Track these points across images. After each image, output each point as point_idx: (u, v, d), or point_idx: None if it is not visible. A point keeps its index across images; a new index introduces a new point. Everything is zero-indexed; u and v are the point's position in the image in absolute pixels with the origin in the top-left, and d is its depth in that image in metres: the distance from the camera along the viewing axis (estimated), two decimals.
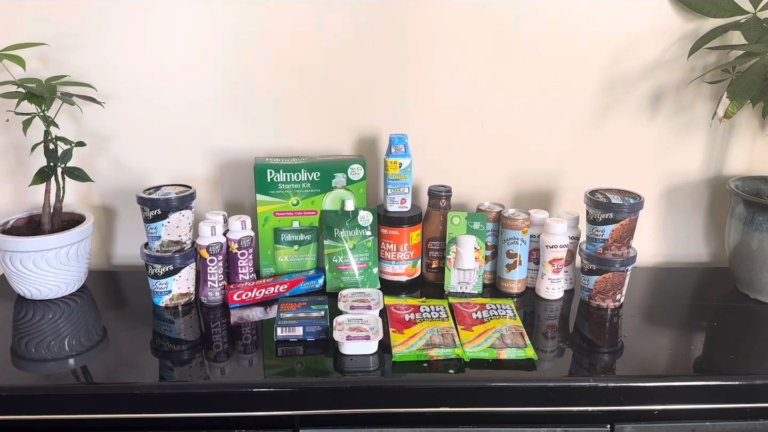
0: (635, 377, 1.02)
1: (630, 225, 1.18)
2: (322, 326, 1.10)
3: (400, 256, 1.29)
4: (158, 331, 1.15)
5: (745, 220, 1.24)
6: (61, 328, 1.15)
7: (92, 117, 1.31)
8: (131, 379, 1.00)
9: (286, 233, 1.28)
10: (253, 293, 1.22)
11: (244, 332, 1.14)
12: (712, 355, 1.09)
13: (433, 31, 1.29)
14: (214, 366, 1.04)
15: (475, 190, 1.39)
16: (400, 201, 1.29)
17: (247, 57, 1.29)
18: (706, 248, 1.47)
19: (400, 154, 1.27)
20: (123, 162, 1.35)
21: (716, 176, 1.41)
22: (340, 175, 1.26)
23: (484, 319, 1.15)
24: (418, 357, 1.04)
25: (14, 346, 1.09)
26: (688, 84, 1.34)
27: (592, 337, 1.14)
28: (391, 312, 1.17)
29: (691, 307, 1.26)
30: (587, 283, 1.23)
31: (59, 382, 1.00)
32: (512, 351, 1.05)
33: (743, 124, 1.38)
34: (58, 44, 1.26)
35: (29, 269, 1.19)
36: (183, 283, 1.21)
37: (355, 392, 0.99)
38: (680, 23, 1.30)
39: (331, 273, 1.28)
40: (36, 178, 1.20)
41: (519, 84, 1.33)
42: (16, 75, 1.20)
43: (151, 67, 1.29)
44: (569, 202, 1.40)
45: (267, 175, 1.24)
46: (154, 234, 1.19)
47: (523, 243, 1.24)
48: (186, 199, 1.19)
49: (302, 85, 1.32)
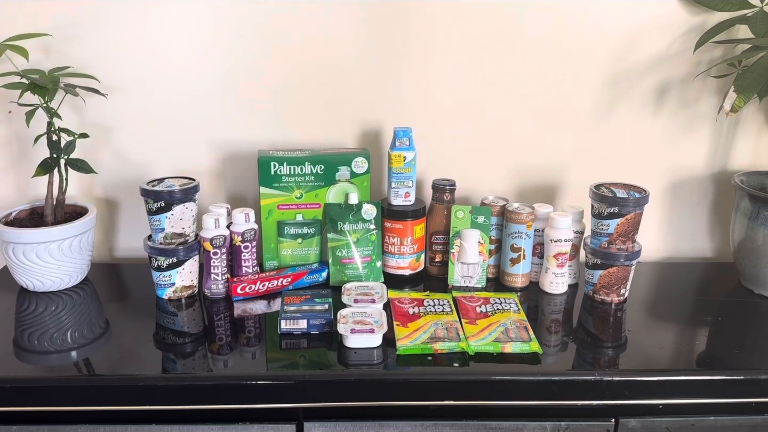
0: (640, 371, 1.02)
1: (635, 219, 1.18)
2: (326, 319, 1.10)
3: (403, 250, 1.28)
4: (161, 323, 1.15)
5: (750, 215, 1.24)
6: (63, 320, 1.14)
7: (95, 108, 1.31)
8: (134, 372, 1.00)
9: (290, 226, 1.27)
10: (256, 286, 1.21)
11: (248, 325, 1.14)
12: (716, 350, 1.08)
13: (437, 25, 1.29)
14: (217, 359, 1.04)
15: (479, 184, 1.39)
16: (404, 194, 1.29)
17: (252, 49, 1.29)
18: (710, 243, 1.47)
19: (404, 148, 1.26)
20: (126, 154, 1.35)
21: (721, 171, 1.41)
22: (344, 168, 1.26)
23: (489, 312, 1.15)
24: (422, 350, 1.04)
25: (17, 338, 1.09)
26: (694, 78, 1.33)
27: (596, 332, 1.13)
28: (395, 305, 1.17)
29: (696, 302, 1.26)
30: (591, 278, 1.22)
31: (62, 374, 1.00)
32: (517, 345, 1.05)
33: (748, 118, 1.37)
34: (61, 35, 1.25)
35: (32, 261, 1.19)
36: (186, 276, 1.21)
37: (359, 385, 0.99)
38: (686, 17, 1.30)
39: (334, 266, 1.27)
40: (39, 169, 1.20)
41: (524, 78, 1.33)
42: (19, 66, 1.19)
43: (154, 58, 1.29)
44: (573, 196, 1.40)
45: (271, 168, 1.23)
46: (157, 226, 1.19)
47: (527, 237, 1.24)
48: (190, 191, 1.19)
49: (306, 78, 1.31)
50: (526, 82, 1.33)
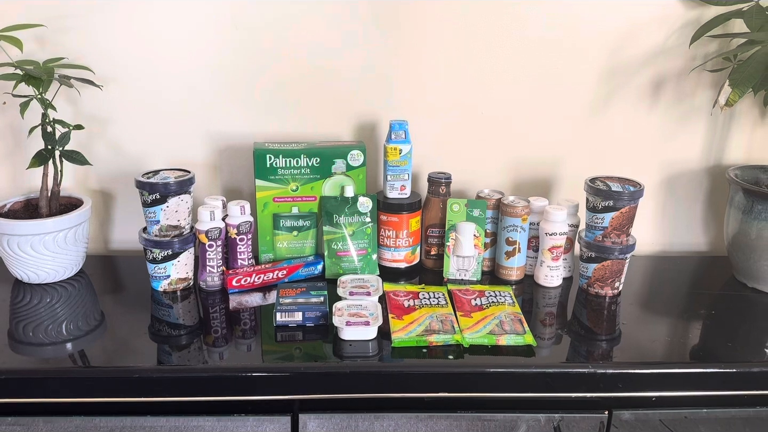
0: (633, 364, 1.02)
1: (630, 213, 1.18)
2: (321, 311, 1.10)
3: (399, 243, 1.29)
4: (156, 315, 1.15)
5: (744, 209, 1.24)
6: (58, 312, 1.14)
7: (90, 100, 1.30)
8: (129, 364, 1.00)
9: (286, 219, 1.27)
10: (252, 279, 1.21)
11: (243, 317, 1.14)
12: (709, 343, 1.09)
13: (433, 18, 1.29)
14: (212, 351, 1.04)
15: (475, 177, 1.39)
16: (400, 187, 1.29)
17: (247, 41, 1.28)
18: (704, 237, 1.47)
19: (400, 140, 1.26)
20: (121, 146, 1.34)
21: (716, 165, 1.41)
22: (340, 161, 1.26)
23: (483, 305, 1.15)
24: (417, 343, 1.04)
25: (12, 330, 1.09)
26: (690, 72, 1.33)
27: (591, 325, 1.14)
28: (390, 298, 1.17)
29: (690, 295, 1.27)
30: (586, 271, 1.23)
31: (57, 366, 1.00)
32: (511, 337, 1.05)
33: (743, 112, 1.38)
34: (55, 26, 1.25)
35: (27, 253, 1.18)
36: (182, 268, 1.21)
37: (355, 377, 0.99)
38: (682, 11, 1.30)
39: (330, 259, 1.27)
40: (33, 161, 1.19)
41: (519, 71, 1.33)
42: (14, 56, 1.19)
43: (150, 50, 1.28)
44: (569, 189, 1.40)
45: (266, 161, 1.23)
46: (152, 218, 1.19)
47: (522, 230, 1.24)
48: (185, 183, 1.19)
49: (302, 70, 1.31)
50: (522, 76, 1.33)
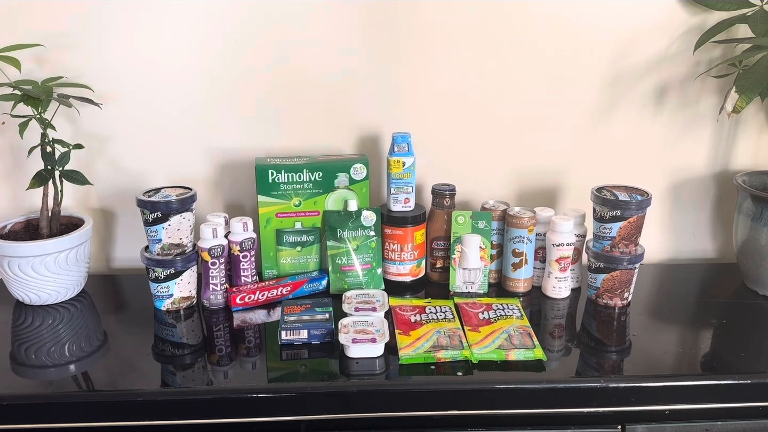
0: (645, 377, 1.00)
1: (638, 222, 1.17)
2: (327, 329, 1.08)
3: (404, 256, 1.27)
4: (160, 335, 1.13)
5: (753, 216, 1.22)
6: (61, 333, 1.13)
7: (90, 119, 1.29)
8: (133, 385, 0.99)
9: (289, 234, 1.26)
10: (255, 296, 1.20)
11: (247, 335, 1.13)
12: (722, 354, 1.07)
13: (434, 28, 1.28)
14: (217, 370, 1.02)
15: (480, 189, 1.38)
16: (404, 200, 1.27)
17: (247, 56, 1.27)
18: (712, 244, 1.46)
19: (403, 153, 1.25)
20: (122, 164, 1.33)
21: (722, 171, 1.40)
22: (343, 174, 1.24)
23: (491, 319, 1.14)
24: (425, 359, 1.03)
25: (14, 352, 1.07)
26: (695, 79, 1.32)
27: (601, 336, 1.12)
28: (396, 313, 1.16)
29: (699, 304, 1.25)
30: (594, 282, 1.21)
31: (60, 389, 0.98)
32: (521, 352, 1.04)
33: (749, 118, 1.36)
34: (53, 45, 1.24)
35: (28, 274, 1.17)
36: (185, 287, 1.20)
37: (362, 396, 0.98)
38: (685, 17, 1.29)
39: (334, 274, 1.26)
40: (33, 181, 1.18)
41: (522, 80, 1.32)
42: (12, 77, 1.18)
43: (149, 67, 1.27)
44: (574, 198, 1.39)
45: (268, 176, 1.22)
46: (154, 237, 1.17)
47: (528, 241, 1.23)
48: (186, 201, 1.17)
49: (303, 84, 1.30)
50: (525, 85, 1.32)
